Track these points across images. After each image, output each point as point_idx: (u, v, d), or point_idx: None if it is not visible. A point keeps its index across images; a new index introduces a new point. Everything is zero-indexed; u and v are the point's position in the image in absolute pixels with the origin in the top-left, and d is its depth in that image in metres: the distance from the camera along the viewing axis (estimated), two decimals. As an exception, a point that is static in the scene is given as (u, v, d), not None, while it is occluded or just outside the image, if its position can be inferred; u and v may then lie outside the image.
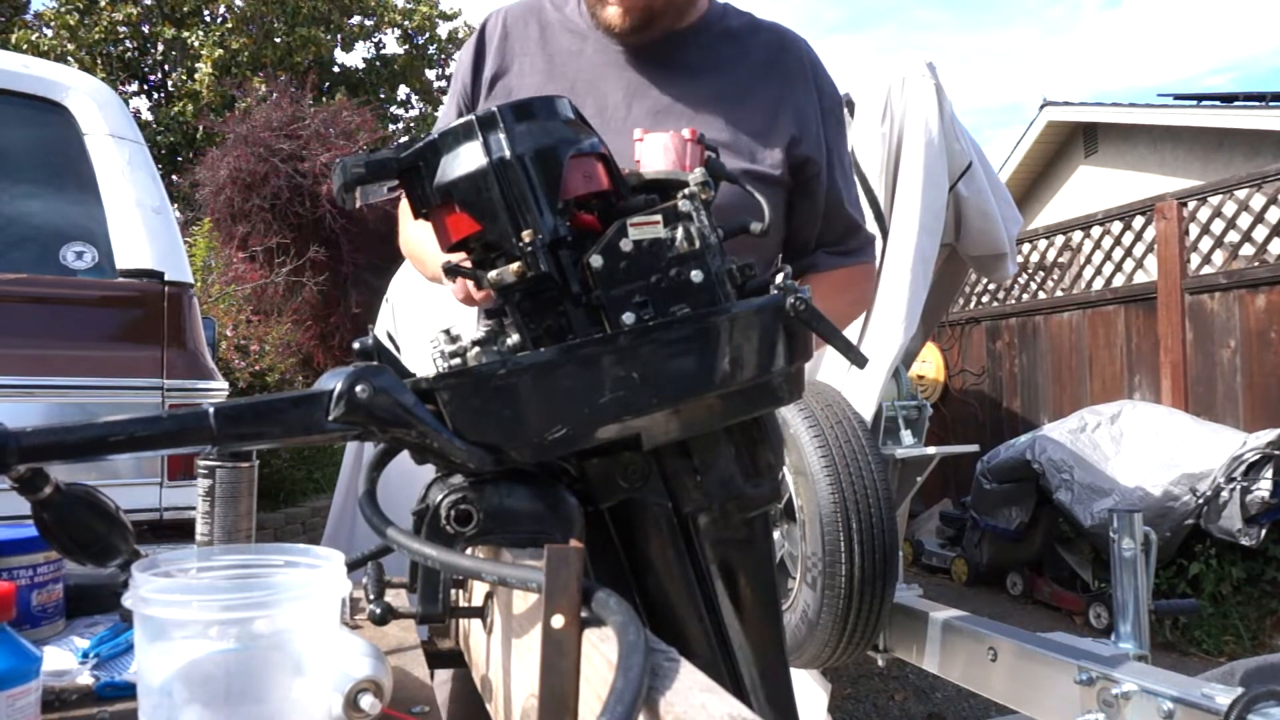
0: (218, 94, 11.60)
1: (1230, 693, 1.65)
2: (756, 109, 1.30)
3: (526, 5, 1.41)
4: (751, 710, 0.46)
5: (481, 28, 1.40)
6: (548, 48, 1.35)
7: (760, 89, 1.32)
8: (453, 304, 1.26)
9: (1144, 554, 2.20)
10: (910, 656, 2.80)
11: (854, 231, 1.41)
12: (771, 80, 1.33)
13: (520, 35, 1.36)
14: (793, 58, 1.36)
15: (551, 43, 1.35)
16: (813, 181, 1.33)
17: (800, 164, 1.31)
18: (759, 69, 1.34)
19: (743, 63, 1.33)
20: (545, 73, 1.32)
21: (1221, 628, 4.59)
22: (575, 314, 0.79)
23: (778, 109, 1.31)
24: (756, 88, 1.32)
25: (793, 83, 1.34)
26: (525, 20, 1.38)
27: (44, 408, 2.57)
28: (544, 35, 1.36)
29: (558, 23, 1.37)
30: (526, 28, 1.37)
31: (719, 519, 0.86)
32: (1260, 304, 5.10)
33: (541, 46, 1.35)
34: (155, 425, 0.73)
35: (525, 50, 1.35)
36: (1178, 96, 9.92)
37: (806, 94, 1.34)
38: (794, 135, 1.30)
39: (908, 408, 3.39)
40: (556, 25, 1.37)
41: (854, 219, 1.41)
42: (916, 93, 3.04)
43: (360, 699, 0.81)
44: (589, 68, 1.31)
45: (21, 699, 0.70)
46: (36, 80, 2.80)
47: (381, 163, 0.82)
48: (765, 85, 1.33)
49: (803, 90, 1.34)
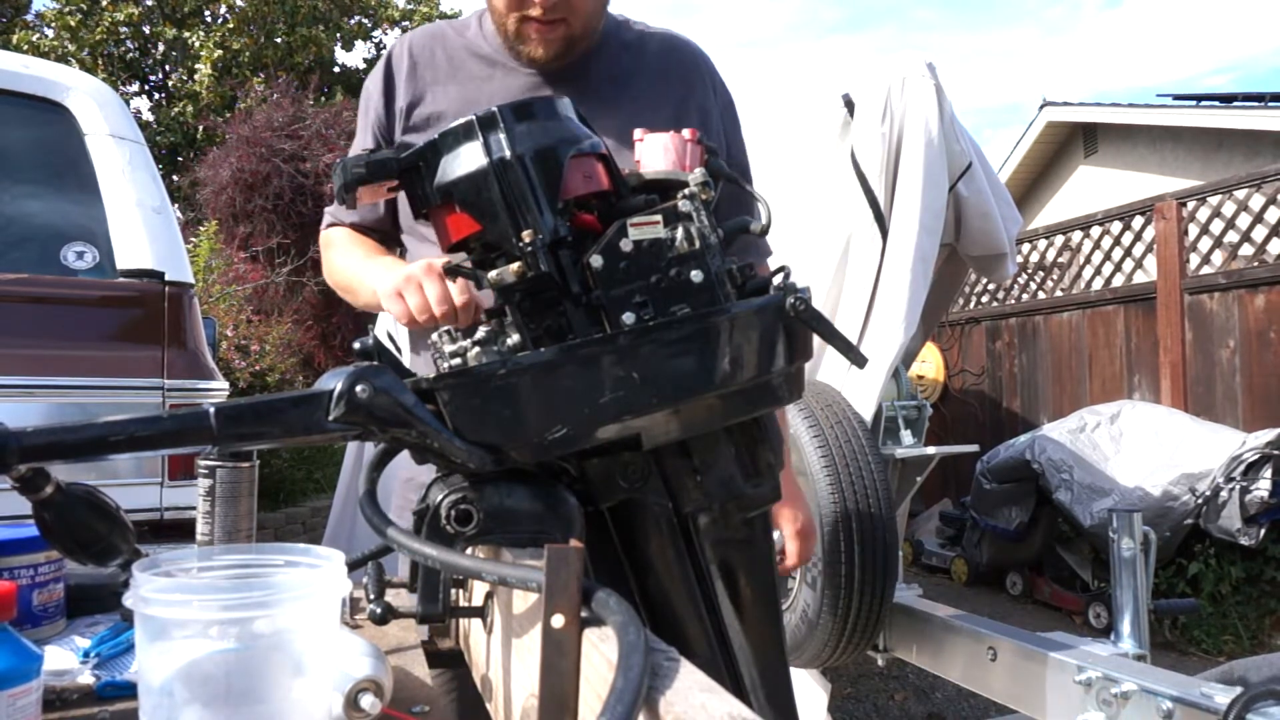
0: (218, 94, 11.60)
1: (1229, 692, 1.65)
2: (664, 112, 1.34)
3: (428, 33, 1.44)
4: (751, 710, 0.46)
5: (387, 59, 1.42)
6: (458, 75, 1.37)
7: (663, 92, 1.38)
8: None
9: (1143, 554, 2.20)
10: (910, 656, 2.80)
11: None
12: (671, 83, 1.39)
13: (428, 64, 1.39)
14: (686, 59, 1.43)
15: (461, 70, 1.38)
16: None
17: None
18: (657, 74, 1.39)
19: (643, 71, 1.39)
20: (459, 99, 1.35)
21: (1221, 627, 4.59)
22: (575, 314, 0.79)
23: (681, 109, 1.37)
24: (660, 92, 1.37)
25: (690, 82, 1.41)
26: (431, 49, 1.40)
27: (44, 408, 2.57)
28: (452, 63, 1.38)
29: (463, 48, 1.39)
30: (434, 56, 1.39)
31: (719, 519, 0.86)
32: (1259, 304, 5.10)
33: (452, 75, 1.38)
34: (155, 425, 0.73)
35: (436, 79, 1.37)
36: (1177, 97, 9.92)
37: (704, 91, 1.42)
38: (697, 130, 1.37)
39: (908, 408, 3.39)
40: (463, 51, 1.39)
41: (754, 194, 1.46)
42: (916, 93, 3.04)
43: (360, 699, 0.81)
44: (501, 92, 1.34)
45: (22, 698, 0.71)
46: (37, 80, 2.80)
47: (382, 163, 0.82)
48: (666, 88, 1.38)
49: (700, 88, 1.41)
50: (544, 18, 1.26)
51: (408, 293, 1.08)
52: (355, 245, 1.42)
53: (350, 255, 1.40)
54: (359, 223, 1.44)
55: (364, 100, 1.44)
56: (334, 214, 1.49)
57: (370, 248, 1.41)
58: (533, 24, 1.27)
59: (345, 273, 1.39)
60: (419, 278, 1.07)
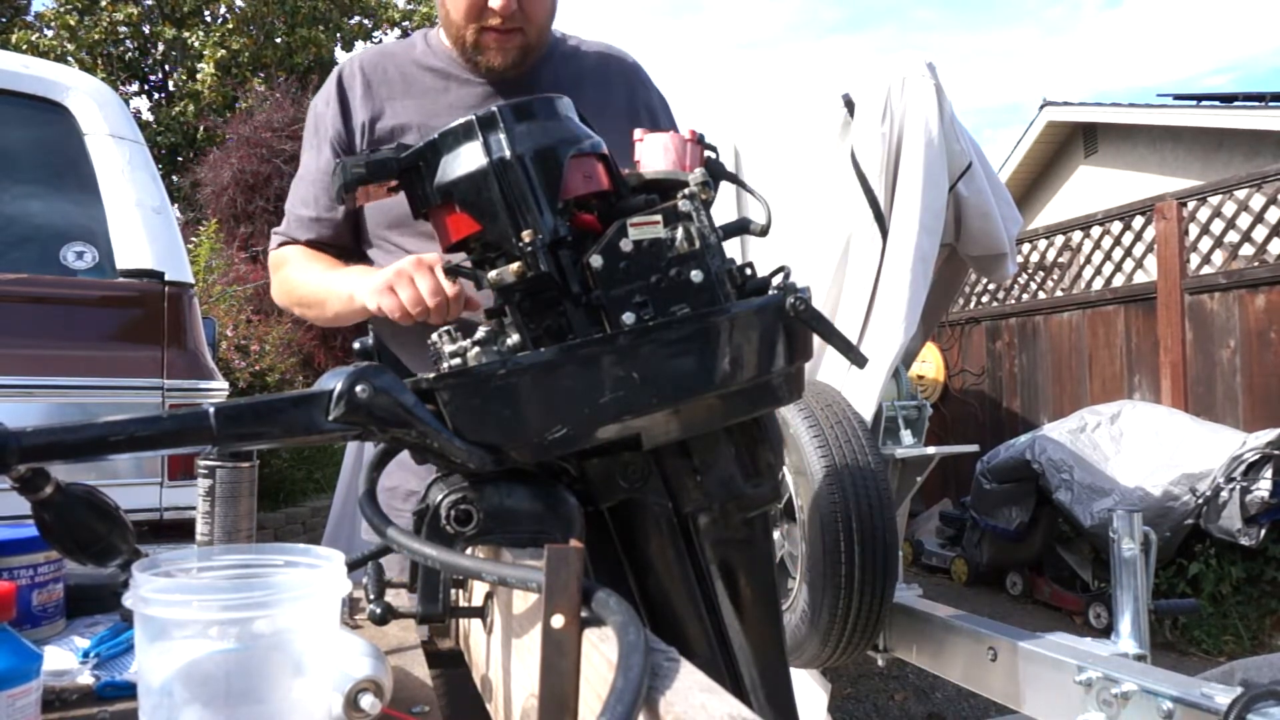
0: (219, 94, 11.60)
1: (1230, 692, 1.65)
2: (616, 114, 1.40)
3: (376, 52, 1.48)
4: (751, 710, 0.46)
5: (338, 77, 1.44)
6: (412, 89, 1.41)
7: (610, 96, 1.44)
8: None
9: (1144, 554, 2.20)
10: (910, 656, 2.80)
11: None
12: (615, 87, 1.46)
13: (382, 80, 1.42)
14: (625, 66, 1.51)
15: (415, 84, 1.41)
16: None
17: None
18: (600, 80, 1.46)
19: (586, 77, 1.45)
20: (418, 111, 1.38)
21: (1221, 627, 4.59)
22: (575, 314, 0.79)
23: (629, 109, 1.44)
24: (606, 96, 1.43)
25: (631, 85, 1.48)
26: (382, 66, 1.43)
27: (44, 408, 2.57)
28: (405, 78, 1.42)
29: (413, 64, 1.43)
30: (386, 73, 1.42)
31: (719, 519, 0.86)
32: (1260, 304, 5.09)
33: (406, 90, 1.41)
34: (155, 425, 0.73)
35: (392, 94, 1.41)
36: (1177, 96, 9.92)
37: (645, 92, 1.49)
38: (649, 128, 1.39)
39: (908, 408, 3.39)
40: (413, 67, 1.43)
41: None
42: (916, 93, 3.04)
43: (360, 699, 0.81)
44: (458, 102, 1.38)
45: (22, 699, 0.70)
46: (37, 80, 2.80)
47: (381, 163, 0.82)
48: (612, 92, 1.45)
49: (641, 90, 1.49)
50: (502, 27, 1.31)
51: (399, 286, 1.09)
52: (313, 260, 1.42)
53: (310, 269, 1.40)
54: (316, 239, 1.44)
55: (313, 119, 1.45)
56: (285, 233, 1.48)
57: (329, 262, 1.41)
58: (491, 33, 1.32)
59: (308, 286, 1.39)
60: (410, 272, 1.09)
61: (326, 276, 1.36)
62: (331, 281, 1.33)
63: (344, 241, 1.44)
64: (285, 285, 1.45)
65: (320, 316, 1.40)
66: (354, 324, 1.37)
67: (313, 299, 1.39)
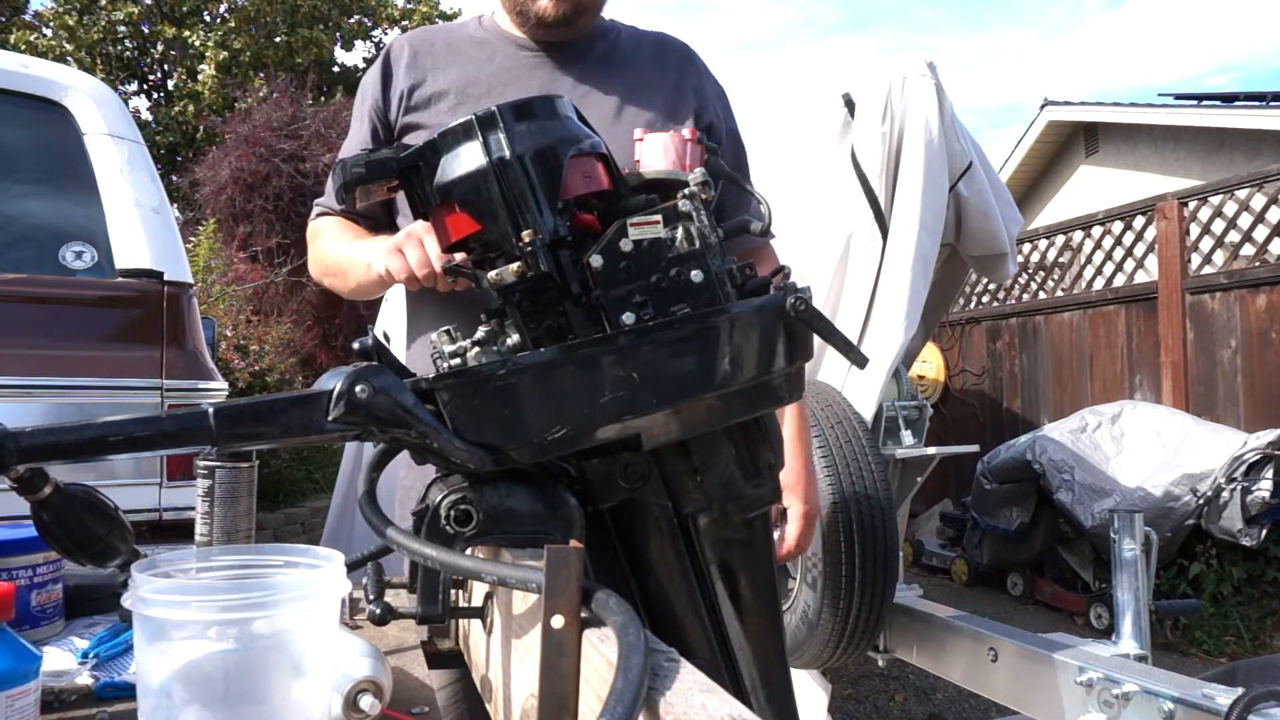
0: (219, 95, 11.60)
1: (1231, 693, 1.64)
2: (660, 91, 1.41)
3: (427, 29, 1.51)
4: (751, 710, 0.46)
5: (386, 52, 1.47)
6: (457, 59, 1.42)
7: (658, 75, 1.44)
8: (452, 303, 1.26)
9: (1145, 554, 2.20)
10: (910, 657, 2.80)
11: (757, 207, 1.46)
12: (665, 68, 1.46)
13: (428, 52, 1.44)
14: (679, 49, 1.50)
15: (460, 54, 1.43)
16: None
17: (705, 133, 1.39)
18: (651, 61, 1.46)
19: (636, 58, 1.45)
20: (459, 79, 1.39)
21: (1222, 628, 4.59)
22: (575, 314, 0.79)
23: (677, 88, 1.43)
24: (654, 75, 1.44)
25: (683, 68, 1.47)
26: (430, 40, 1.46)
27: (44, 408, 2.57)
28: (451, 49, 1.44)
29: (462, 38, 1.46)
30: (432, 45, 1.45)
31: (719, 519, 0.86)
32: (1261, 304, 5.09)
33: (451, 59, 1.42)
34: (154, 425, 0.73)
35: (436, 64, 1.42)
36: (1179, 96, 9.91)
37: (697, 76, 1.48)
38: (696, 108, 1.42)
39: (908, 408, 3.39)
40: (462, 40, 1.45)
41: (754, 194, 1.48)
42: (917, 92, 3.03)
43: (360, 699, 0.81)
44: (500, 72, 1.39)
45: (21, 699, 0.70)
46: (35, 80, 2.80)
47: (381, 162, 0.82)
48: (661, 72, 1.45)
49: (693, 73, 1.48)
50: None
51: (408, 247, 1.09)
52: (344, 231, 1.43)
53: (340, 240, 1.41)
54: (349, 210, 1.45)
55: (360, 92, 1.48)
56: (324, 203, 1.51)
57: (358, 233, 1.43)
58: None
59: (335, 256, 1.39)
60: (420, 234, 1.09)
61: (351, 246, 1.36)
62: (354, 251, 1.33)
63: (378, 215, 1.45)
64: (317, 255, 1.47)
65: (343, 287, 1.40)
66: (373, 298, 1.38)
67: (337, 268, 1.39)
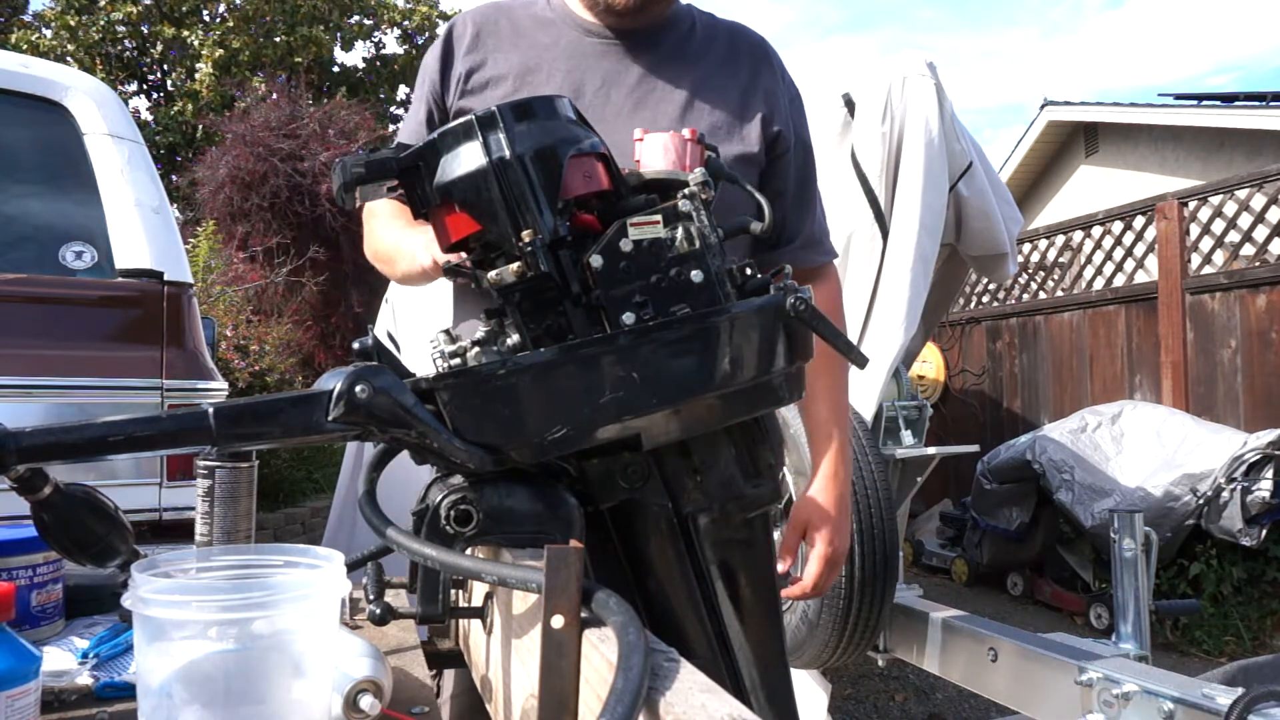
0: (218, 94, 11.59)
1: (1231, 693, 1.64)
2: (729, 91, 1.34)
3: (492, 6, 1.42)
4: (751, 710, 0.46)
5: (449, 29, 1.40)
6: (520, 42, 1.36)
7: (729, 74, 1.37)
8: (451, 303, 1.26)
9: (1145, 554, 2.20)
10: (910, 657, 2.80)
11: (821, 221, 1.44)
12: (739, 67, 1.38)
13: (491, 32, 1.37)
14: (755, 48, 1.42)
15: (524, 37, 1.36)
16: (782, 160, 1.36)
17: (772, 140, 1.35)
18: (724, 58, 1.38)
19: (708, 53, 1.38)
20: (520, 64, 1.32)
21: (1222, 628, 4.59)
22: (575, 314, 0.79)
23: (748, 90, 1.36)
24: (725, 73, 1.36)
25: (757, 68, 1.39)
26: (494, 19, 1.39)
27: (44, 408, 2.57)
28: (516, 30, 1.37)
29: (528, 18, 1.38)
30: (497, 24, 1.38)
31: (719, 519, 0.86)
32: (1261, 304, 5.09)
33: (514, 41, 1.36)
34: (154, 425, 0.73)
35: (499, 45, 1.36)
36: (1179, 96, 9.90)
37: (771, 79, 1.40)
38: (765, 114, 1.35)
39: (908, 408, 3.39)
40: (527, 21, 1.38)
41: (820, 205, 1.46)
42: (917, 92, 3.03)
43: (360, 699, 0.81)
44: (564, 58, 1.32)
45: (21, 699, 0.70)
46: (35, 80, 2.80)
47: (381, 162, 0.82)
48: (733, 71, 1.37)
49: (767, 75, 1.40)
50: None
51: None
52: (397, 217, 1.37)
53: (390, 226, 1.36)
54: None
55: (421, 72, 1.42)
56: None
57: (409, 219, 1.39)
58: None
59: (385, 243, 1.36)
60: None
61: (401, 235, 1.31)
62: (402, 240, 1.29)
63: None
64: (369, 239, 1.42)
65: (393, 274, 1.37)
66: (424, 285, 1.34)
67: (386, 255, 1.36)
